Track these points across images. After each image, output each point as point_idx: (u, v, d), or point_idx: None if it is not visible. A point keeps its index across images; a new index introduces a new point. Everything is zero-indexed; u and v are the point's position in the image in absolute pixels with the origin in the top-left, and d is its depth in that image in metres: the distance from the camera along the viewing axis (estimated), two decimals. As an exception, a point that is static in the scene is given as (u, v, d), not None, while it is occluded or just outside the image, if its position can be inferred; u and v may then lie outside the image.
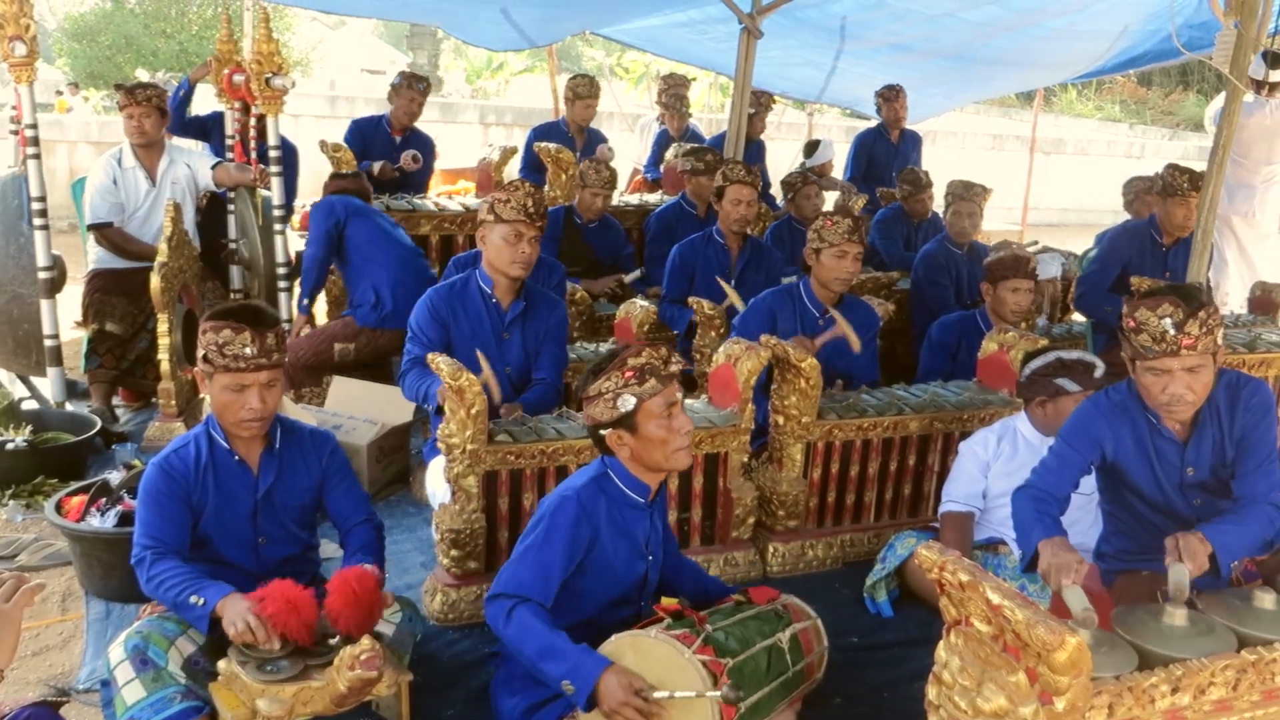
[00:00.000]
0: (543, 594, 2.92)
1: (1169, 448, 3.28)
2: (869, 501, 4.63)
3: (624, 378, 2.96)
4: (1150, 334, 3.02)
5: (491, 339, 4.28)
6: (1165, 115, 21.36)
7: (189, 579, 2.95)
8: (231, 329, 3.01)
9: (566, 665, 2.77)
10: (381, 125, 7.56)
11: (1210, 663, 2.51)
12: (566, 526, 2.96)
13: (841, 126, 15.69)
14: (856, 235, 4.69)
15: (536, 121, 9.33)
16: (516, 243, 4.15)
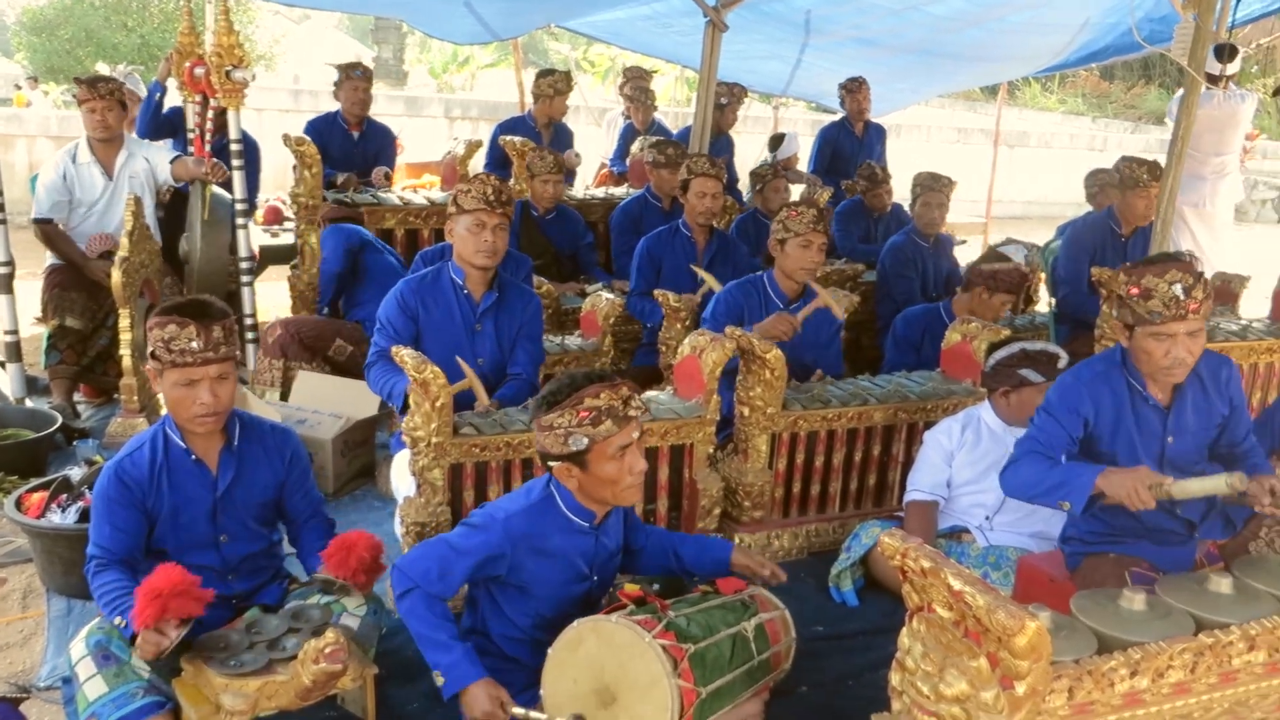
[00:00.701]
0: (440, 590, 2.95)
1: (1152, 414, 3.37)
2: (834, 492, 4.66)
3: (579, 417, 2.91)
4: (1161, 299, 3.12)
5: (462, 331, 4.26)
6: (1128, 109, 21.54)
7: (119, 596, 2.91)
8: (176, 324, 2.97)
9: (446, 661, 2.86)
10: (337, 122, 7.52)
11: (1168, 646, 2.54)
12: (482, 549, 2.96)
13: (807, 120, 15.73)
14: (821, 225, 4.72)
15: (503, 116, 9.32)
16: (479, 232, 4.14)
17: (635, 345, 6.16)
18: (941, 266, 6.71)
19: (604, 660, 2.77)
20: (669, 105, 14.21)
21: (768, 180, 7.13)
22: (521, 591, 3.05)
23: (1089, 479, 3.15)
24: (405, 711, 3.31)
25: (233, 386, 3.13)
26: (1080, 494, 3.17)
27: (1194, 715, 2.67)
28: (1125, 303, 3.22)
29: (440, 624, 2.91)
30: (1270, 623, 2.65)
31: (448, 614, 2.96)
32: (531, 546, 3.00)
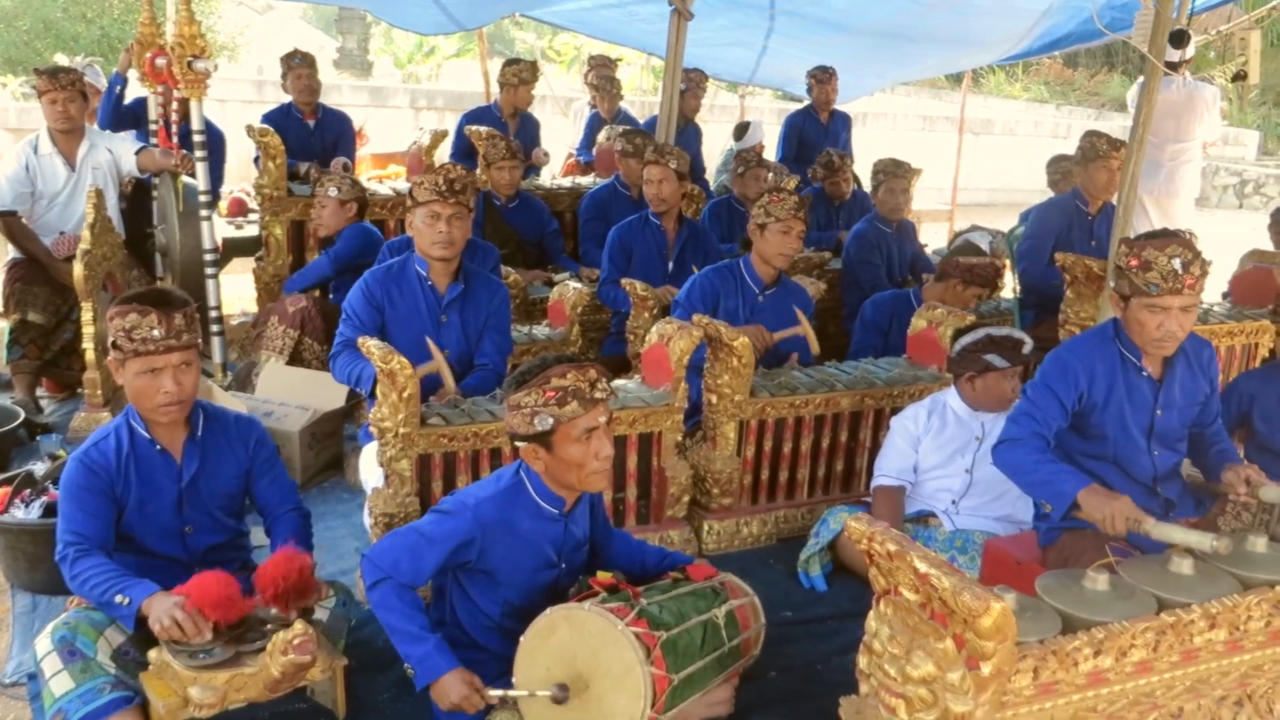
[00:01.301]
0: (410, 579, 2.95)
1: (1144, 385, 3.46)
2: (802, 478, 4.68)
3: (545, 396, 2.91)
4: (1160, 272, 3.20)
5: (428, 322, 4.25)
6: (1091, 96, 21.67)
7: (114, 577, 2.91)
8: (137, 312, 2.97)
9: (419, 653, 2.86)
10: (291, 113, 7.48)
11: (1131, 625, 2.57)
12: (453, 535, 2.96)
13: (773, 109, 15.75)
14: (801, 213, 4.76)
15: (468, 105, 9.26)
16: (434, 223, 4.13)
17: (603, 334, 6.16)
18: (905, 251, 6.75)
19: (576, 648, 2.78)
20: (635, 94, 14.20)
21: (751, 165, 7.14)
22: (490, 578, 3.05)
23: (1072, 490, 3.20)
24: (375, 702, 3.31)
25: (196, 375, 3.12)
26: (1062, 501, 3.22)
27: (1157, 693, 2.71)
28: (1124, 273, 3.30)
29: (412, 615, 2.91)
30: (1230, 601, 2.70)
31: (419, 604, 2.96)
32: (501, 533, 3.00)
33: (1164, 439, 3.55)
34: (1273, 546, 2.98)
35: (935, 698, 2.38)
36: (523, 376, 2.99)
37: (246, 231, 7.38)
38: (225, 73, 14.65)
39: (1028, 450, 3.36)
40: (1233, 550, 2.86)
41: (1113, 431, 3.47)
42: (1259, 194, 16.86)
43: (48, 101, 5.66)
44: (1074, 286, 5.12)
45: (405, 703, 3.30)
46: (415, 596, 2.95)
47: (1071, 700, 2.56)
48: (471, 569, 3.04)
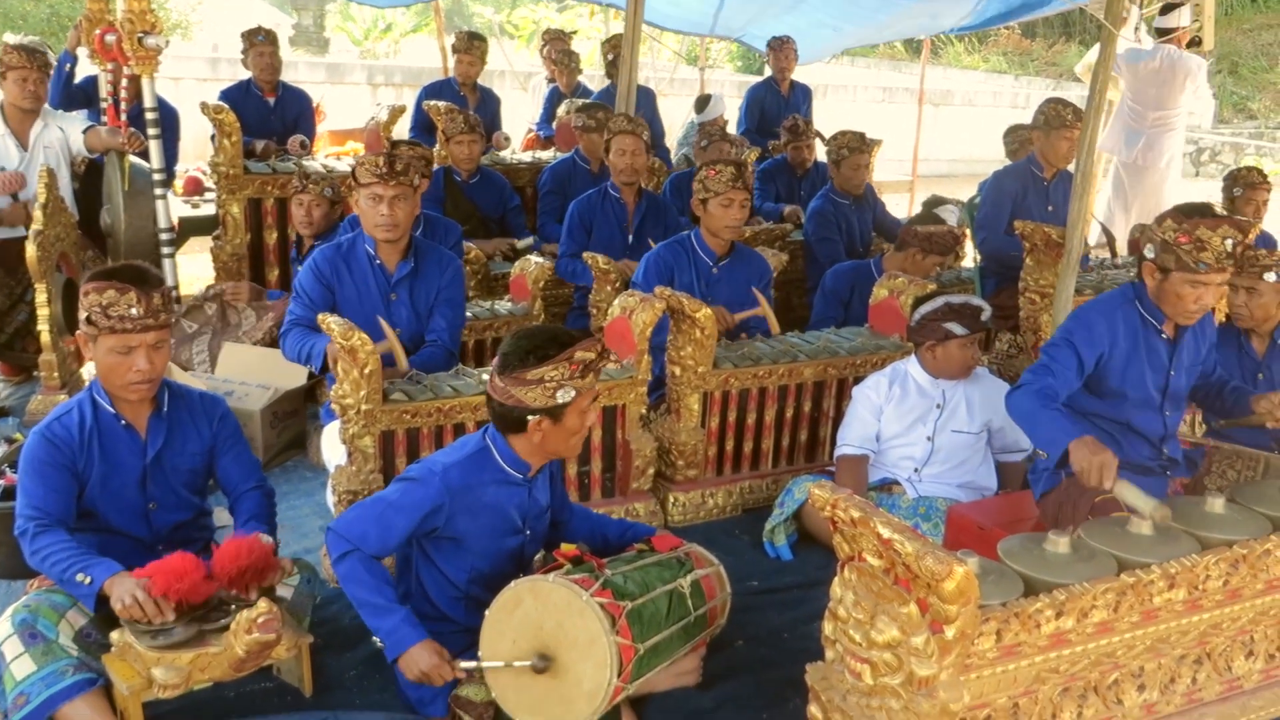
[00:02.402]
0: (378, 549, 2.94)
1: (1162, 347, 3.59)
2: (766, 449, 4.69)
3: (570, 370, 2.91)
4: (1214, 252, 3.30)
5: (378, 300, 4.22)
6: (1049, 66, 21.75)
7: (75, 555, 2.88)
8: (116, 289, 2.93)
9: (387, 625, 2.85)
10: (251, 90, 7.39)
11: (1092, 587, 2.60)
12: (423, 502, 2.95)
13: (734, 81, 15.72)
14: (741, 182, 4.74)
15: (426, 81, 9.20)
16: (376, 205, 4.10)
17: (566, 309, 6.14)
18: (866, 220, 6.76)
19: (542, 620, 2.78)
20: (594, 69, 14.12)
21: (714, 139, 7.12)
22: (457, 545, 3.04)
23: (1065, 440, 3.27)
24: (342, 680, 3.29)
25: (167, 354, 3.11)
26: (1055, 449, 3.31)
27: (1118, 653, 2.75)
28: (1170, 248, 3.37)
29: (380, 587, 2.89)
30: (1189, 561, 2.73)
31: (387, 576, 2.94)
32: (468, 498, 3.00)
33: (1175, 399, 3.70)
34: (1229, 507, 3.02)
35: (900, 662, 2.41)
36: (540, 351, 2.92)
37: (203, 211, 7.30)
38: (179, 50, 14.42)
39: (1035, 397, 3.45)
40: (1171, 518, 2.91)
41: (1132, 391, 3.58)
42: (1215, 161, 17.02)
43: (17, 79, 5.56)
44: (1033, 254, 5.17)
45: (372, 679, 3.29)
46: (383, 569, 2.94)
47: (1034, 661, 2.60)
48: (438, 536, 3.03)
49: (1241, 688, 3.06)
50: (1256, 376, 4.36)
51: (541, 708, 2.78)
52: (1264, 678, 3.11)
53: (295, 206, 5.59)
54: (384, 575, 2.93)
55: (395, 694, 3.18)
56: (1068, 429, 3.31)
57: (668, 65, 12.32)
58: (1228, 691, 3.04)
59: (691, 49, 12.95)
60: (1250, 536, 2.87)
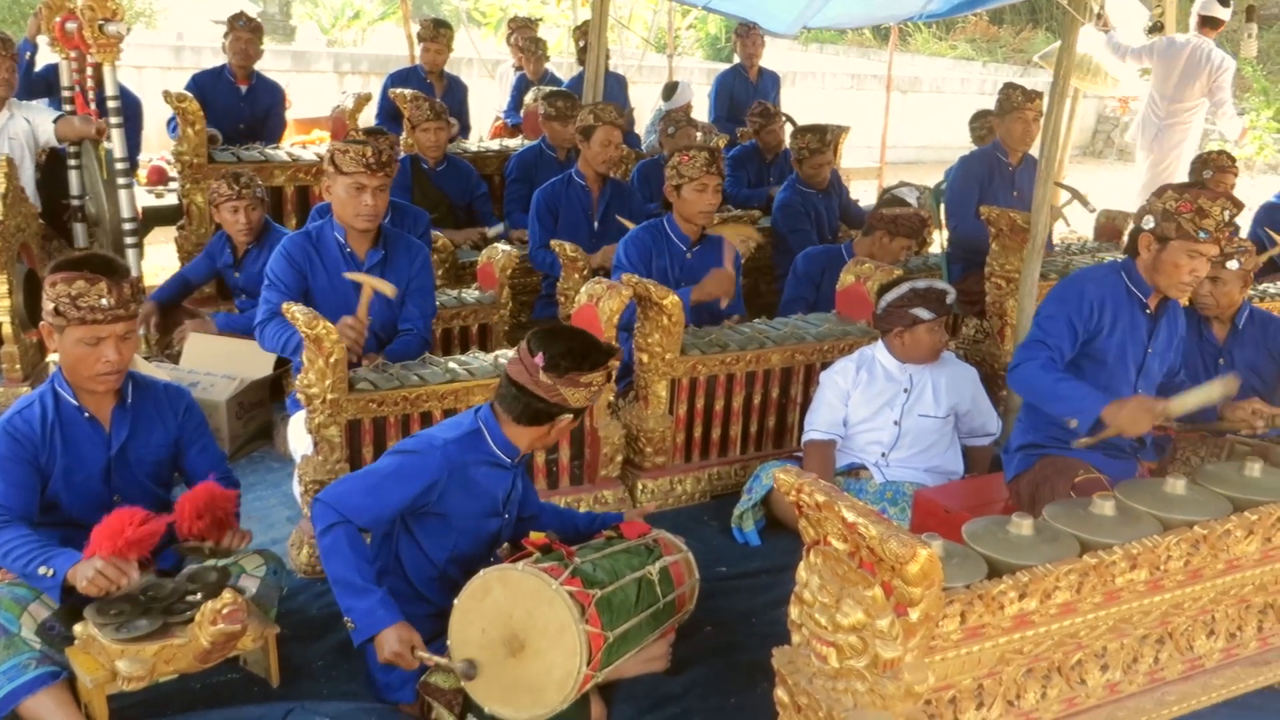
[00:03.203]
0: (370, 522, 2.94)
1: (1143, 321, 3.65)
2: (734, 435, 4.70)
3: (604, 376, 3.03)
4: (1215, 221, 3.38)
5: (349, 289, 4.19)
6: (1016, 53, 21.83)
7: (36, 548, 2.86)
8: (86, 279, 2.91)
9: (362, 606, 2.82)
10: (224, 76, 7.30)
11: (1055, 568, 2.62)
12: (422, 474, 2.95)
13: (702, 69, 15.70)
14: (714, 167, 4.76)
15: (393, 69, 9.13)
16: (359, 195, 4.07)
17: (534, 297, 6.13)
18: (833, 208, 6.77)
19: (511, 608, 2.77)
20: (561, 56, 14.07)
21: (681, 126, 7.11)
22: (443, 522, 3.04)
23: (1097, 405, 3.39)
24: (310, 669, 3.28)
25: (135, 345, 3.09)
26: (1088, 416, 3.41)
27: (1081, 634, 2.78)
28: (1172, 217, 3.44)
29: (361, 565, 2.86)
30: (1150, 542, 2.76)
31: (369, 555, 2.93)
32: (463, 476, 3.01)
33: (1148, 376, 3.76)
34: (1191, 488, 3.05)
35: (865, 644, 2.42)
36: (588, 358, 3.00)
37: (167, 200, 7.23)
38: (142, 38, 14.27)
39: (1045, 370, 3.52)
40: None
41: (1111, 360, 3.64)
42: (1180, 147, 17.12)
43: None
44: (999, 239, 5.19)
45: (340, 669, 3.28)
46: (366, 547, 2.92)
47: (998, 643, 2.62)
48: (426, 512, 3.02)
49: (1203, 667, 3.10)
50: (1217, 361, 4.40)
51: (511, 696, 2.78)
52: (1225, 657, 3.15)
53: (229, 213, 5.34)
54: (366, 553, 2.91)
55: (363, 683, 3.17)
56: (1094, 396, 3.43)
57: (636, 52, 12.28)
58: (1189, 670, 3.08)
59: (660, 35, 12.93)
60: (1211, 517, 2.90)
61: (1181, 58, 8.36)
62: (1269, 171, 15.06)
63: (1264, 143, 15.90)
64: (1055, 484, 3.60)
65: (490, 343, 5.16)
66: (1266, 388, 4.38)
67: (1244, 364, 4.36)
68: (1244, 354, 4.40)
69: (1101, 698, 2.92)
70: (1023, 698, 2.79)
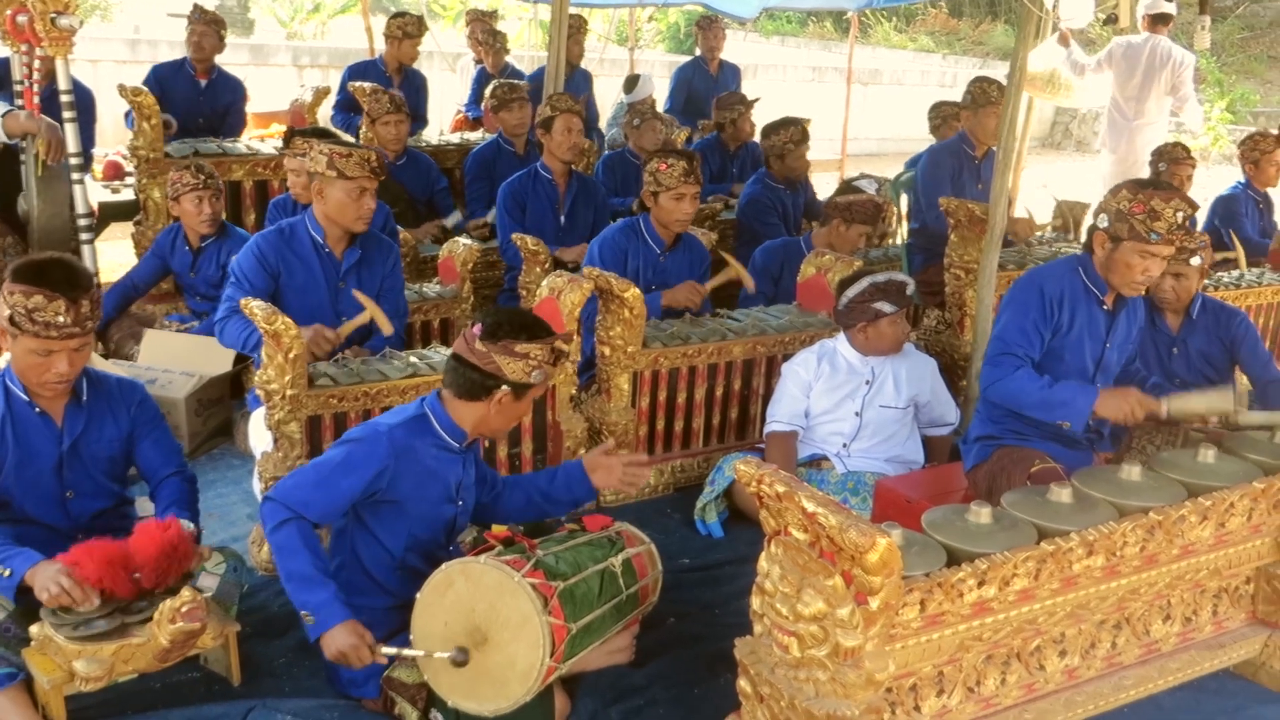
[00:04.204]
0: (321, 515, 2.91)
1: (1101, 317, 3.69)
2: (697, 427, 4.71)
3: (549, 354, 2.98)
4: (1166, 223, 3.38)
5: (325, 289, 4.17)
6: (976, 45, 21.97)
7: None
8: (45, 296, 2.84)
9: (317, 600, 2.78)
10: (184, 69, 7.22)
11: (1013, 555, 2.65)
12: (369, 461, 2.92)
13: (664, 62, 15.70)
14: (692, 177, 4.79)
15: (353, 62, 9.07)
16: (360, 198, 4.07)
17: (496, 291, 6.10)
18: (800, 203, 6.78)
19: (474, 602, 2.77)
20: (523, 49, 14.03)
21: (646, 119, 7.10)
22: (397, 509, 3.02)
23: (1088, 401, 3.46)
24: (271, 667, 3.26)
25: (87, 355, 3.06)
26: (1080, 415, 3.48)
27: (1039, 620, 2.81)
28: (1124, 217, 3.45)
29: (314, 560, 2.83)
30: (1107, 529, 2.80)
31: (322, 551, 2.89)
32: (410, 460, 2.99)
33: (1106, 372, 3.80)
34: (1146, 474, 3.09)
35: (826, 634, 2.44)
36: (533, 329, 3.01)
37: (124, 196, 7.14)
38: (97, 32, 14.09)
39: (1027, 379, 3.57)
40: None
41: (1069, 355, 3.67)
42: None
43: None
44: (958, 230, 5.23)
45: (302, 666, 3.26)
46: (317, 541, 2.89)
47: (958, 630, 2.65)
48: (378, 501, 3.00)
49: (1160, 651, 3.15)
50: (1171, 350, 4.46)
51: (474, 690, 2.77)
52: (1181, 641, 3.19)
53: (193, 204, 5.28)
54: (318, 548, 2.87)
55: (325, 680, 3.15)
56: (1083, 394, 3.50)
57: (597, 45, 12.26)
58: (1146, 655, 3.12)
59: (621, 28, 12.92)
60: (1166, 503, 2.95)
61: (1142, 58, 8.43)
62: (1224, 162, 15.23)
63: (1219, 134, 16.11)
64: (1013, 474, 3.63)
65: (452, 337, 5.14)
66: (1219, 376, 4.45)
67: (1197, 352, 4.42)
68: (1197, 342, 4.46)
69: (1060, 683, 2.96)
70: (983, 684, 2.82)
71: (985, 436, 3.87)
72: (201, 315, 5.41)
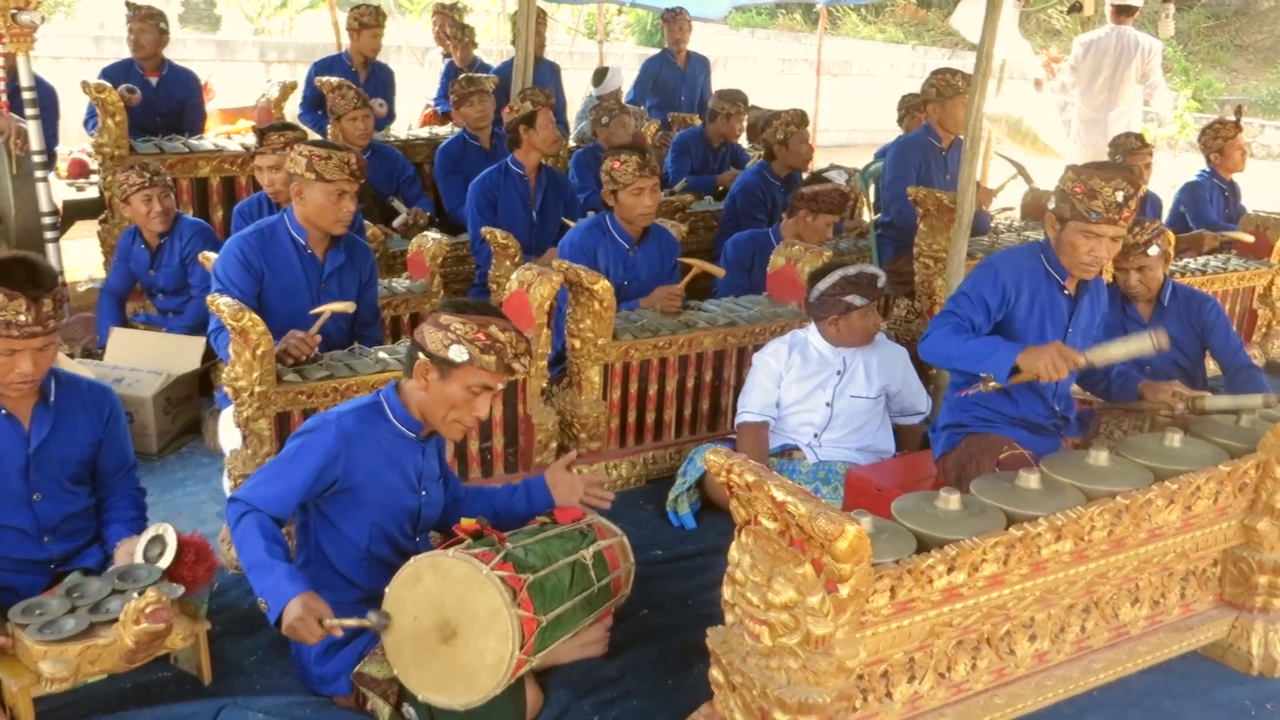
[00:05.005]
0: (278, 508, 2.89)
1: (1063, 303, 3.69)
2: (669, 419, 4.71)
3: (475, 334, 2.89)
4: (1104, 201, 3.39)
5: (307, 291, 4.13)
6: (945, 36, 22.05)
7: None
8: (5, 294, 2.81)
9: (268, 582, 2.76)
10: (132, 69, 7.14)
11: (982, 541, 2.67)
12: (318, 450, 2.91)
13: (634, 54, 15.67)
14: (647, 169, 4.74)
15: (320, 57, 9.01)
16: (339, 200, 4.04)
17: (466, 286, 6.08)
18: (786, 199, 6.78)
19: (443, 595, 2.76)
20: (492, 43, 13.98)
21: (615, 115, 7.08)
22: (354, 498, 3.00)
23: (1010, 354, 3.43)
24: (243, 665, 3.24)
25: (54, 354, 3.02)
26: (1003, 366, 3.44)
27: (1009, 605, 2.82)
28: (1067, 197, 3.48)
29: (270, 545, 2.80)
30: (1074, 513, 2.81)
31: (279, 537, 2.86)
32: (363, 447, 2.97)
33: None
34: (1113, 459, 3.11)
35: (797, 622, 2.44)
36: (469, 306, 2.98)
37: (89, 194, 7.08)
38: (61, 28, 13.95)
39: (953, 334, 3.56)
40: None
41: (1031, 340, 3.65)
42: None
43: None
44: (926, 219, 5.24)
45: (273, 664, 3.24)
46: (275, 529, 2.86)
47: (928, 616, 2.65)
48: (336, 491, 2.98)
49: (1128, 634, 3.17)
50: (1143, 339, 4.48)
51: (444, 683, 2.76)
52: (1149, 624, 3.22)
53: (142, 203, 5.20)
54: (274, 534, 2.84)
55: (296, 678, 3.14)
56: (1004, 347, 3.47)
57: (565, 39, 12.24)
58: (1115, 638, 3.15)
59: (589, 20, 12.89)
60: (1133, 487, 2.97)
61: (1110, 49, 8.47)
62: (1191, 150, 15.34)
63: (1185, 122, 16.24)
64: (981, 461, 3.65)
65: (422, 332, 5.11)
66: (1190, 362, 4.49)
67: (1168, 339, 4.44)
68: (1168, 329, 4.47)
69: (1030, 667, 2.98)
70: (953, 670, 2.83)
71: (954, 424, 3.89)
72: (168, 314, 5.37)
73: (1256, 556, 3.29)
